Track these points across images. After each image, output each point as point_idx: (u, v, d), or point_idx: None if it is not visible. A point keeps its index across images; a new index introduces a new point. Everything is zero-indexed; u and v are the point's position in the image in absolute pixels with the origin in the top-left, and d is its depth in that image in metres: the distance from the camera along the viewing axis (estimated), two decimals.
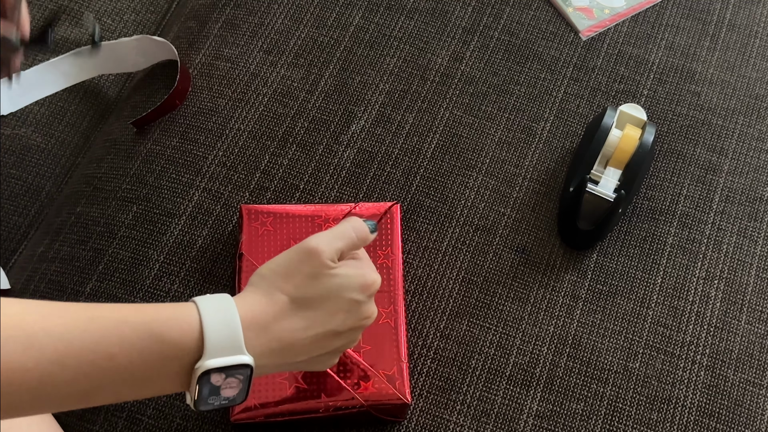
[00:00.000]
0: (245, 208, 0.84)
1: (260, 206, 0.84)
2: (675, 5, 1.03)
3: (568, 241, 0.88)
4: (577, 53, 0.99)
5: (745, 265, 0.89)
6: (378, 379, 0.77)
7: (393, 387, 0.77)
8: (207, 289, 0.85)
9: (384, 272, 0.82)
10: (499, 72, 0.98)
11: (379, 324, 0.79)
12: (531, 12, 1.02)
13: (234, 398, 0.61)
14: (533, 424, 0.81)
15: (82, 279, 0.87)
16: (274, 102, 0.95)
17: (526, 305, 0.86)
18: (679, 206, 0.91)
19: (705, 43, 1.01)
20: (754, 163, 0.94)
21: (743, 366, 0.84)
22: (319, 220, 0.83)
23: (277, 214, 0.83)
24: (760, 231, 0.90)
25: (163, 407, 0.81)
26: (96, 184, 0.93)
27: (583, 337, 0.84)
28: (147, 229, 0.88)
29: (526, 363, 0.83)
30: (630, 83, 0.98)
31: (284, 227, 0.83)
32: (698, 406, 0.82)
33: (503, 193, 0.91)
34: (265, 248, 0.82)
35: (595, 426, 0.81)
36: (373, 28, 1.00)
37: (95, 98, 1.04)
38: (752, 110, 0.97)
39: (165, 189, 0.91)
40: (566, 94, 0.97)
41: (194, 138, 0.93)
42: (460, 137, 0.94)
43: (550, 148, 0.94)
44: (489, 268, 0.88)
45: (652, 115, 0.96)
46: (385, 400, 0.77)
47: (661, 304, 0.86)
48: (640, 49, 1.00)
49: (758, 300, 0.87)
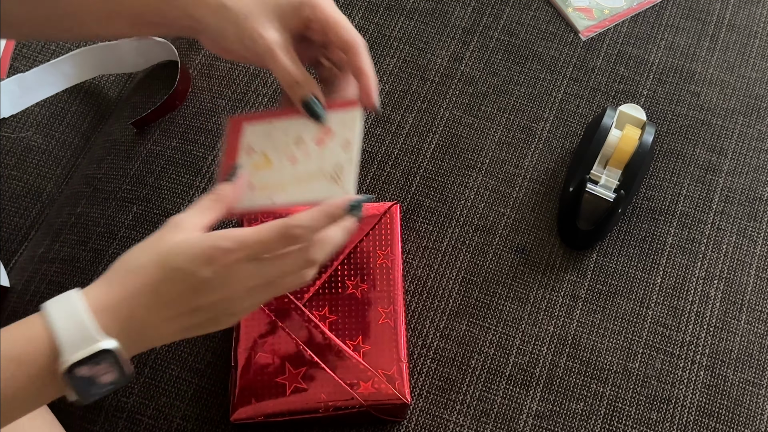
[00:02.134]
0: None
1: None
2: (675, 5, 1.03)
3: (568, 241, 0.88)
4: (576, 53, 0.99)
5: (745, 265, 0.89)
6: (378, 379, 0.77)
7: (393, 387, 0.77)
8: None
9: (384, 272, 0.82)
10: (498, 72, 0.98)
11: (379, 324, 0.80)
12: (531, 12, 1.02)
13: (116, 380, 0.60)
14: (533, 424, 0.81)
15: (82, 280, 0.87)
16: (274, 102, 0.95)
17: (525, 305, 0.86)
18: (678, 206, 0.91)
19: (705, 43, 1.01)
20: (754, 163, 0.94)
21: (743, 366, 0.84)
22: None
23: (277, 213, 0.82)
24: (760, 231, 0.90)
25: (163, 407, 0.81)
26: (96, 185, 0.93)
27: (583, 337, 0.85)
28: (147, 229, 0.88)
29: (525, 363, 0.83)
30: (630, 83, 0.98)
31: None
32: (698, 406, 0.82)
33: (503, 193, 0.91)
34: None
35: (595, 426, 0.81)
36: (372, 28, 1.00)
37: (95, 99, 1.04)
38: (752, 110, 0.97)
39: (165, 189, 0.91)
40: (566, 95, 0.97)
41: (194, 138, 0.93)
42: (460, 137, 0.94)
43: (549, 148, 0.94)
44: (489, 268, 0.88)
45: (652, 115, 0.96)
46: (385, 400, 0.77)
47: (660, 304, 0.86)
48: (640, 49, 1.00)
49: (758, 300, 0.87)
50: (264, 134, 0.72)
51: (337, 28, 0.69)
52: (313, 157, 0.70)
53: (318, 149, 0.70)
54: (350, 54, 0.69)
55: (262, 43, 0.67)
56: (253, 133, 0.73)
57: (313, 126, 0.71)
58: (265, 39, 0.67)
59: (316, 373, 0.77)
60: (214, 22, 0.68)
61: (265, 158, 0.72)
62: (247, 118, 0.74)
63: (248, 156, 0.72)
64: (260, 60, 0.68)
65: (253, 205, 0.70)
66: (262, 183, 0.70)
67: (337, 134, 0.70)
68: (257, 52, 0.68)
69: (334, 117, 0.71)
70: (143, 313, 0.60)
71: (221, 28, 0.68)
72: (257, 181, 0.71)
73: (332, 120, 0.71)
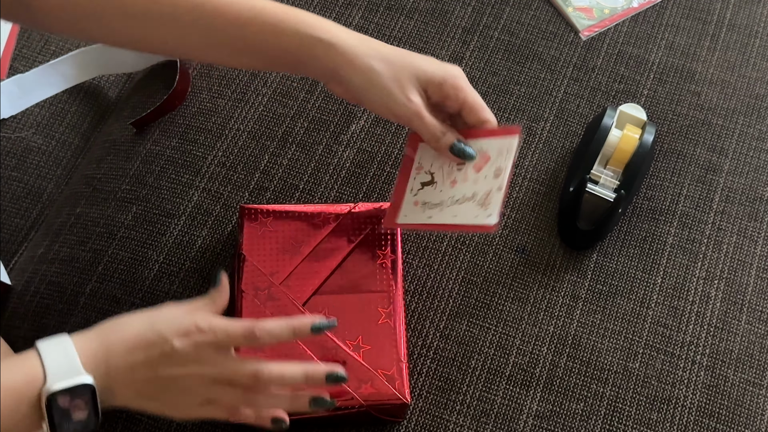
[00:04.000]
0: (245, 207, 0.84)
1: (260, 206, 0.84)
2: (675, 5, 1.03)
3: (568, 241, 0.88)
4: (577, 53, 0.99)
5: (745, 265, 0.88)
6: (377, 379, 0.77)
7: (392, 387, 0.77)
8: (206, 289, 0.85)
9: (384, 272, 0.82)
10: (499, 72, 0.98)
11: (379, 324, 0.79)
12: (531, 12, 1.02)
13: (86, 422, 0.64)
14: (533, 424, 0.81)
15: (81, 280, 0.87)
16: (273, 102, 0.95)
17: (525, 305, 0.86)
18: (679, 206, 0.91)
19: (705, 43, 1.01)
20: (754, 163, 0.94)
21: (743, 366, 0.84)
22: (318, 220, 0.83)
23: (276, 213, 0.83)
24: (760, 231, 0.90)
25: None
26: (95, 185, 0.93)
27: (583, 337, 0.84)
28: (146, 229, 0.88)
29: (525, 363, 0.83)
30: (630, 83, 0.98)
31: (284, 227, 0.83)
32: (698, 406, 0.82)
33: None
34: (266, 248, 0.82)
35: (595, 426, 0.81)
36: (373, 28, 1.00)
37: (95, 99, 1.04)
38: (752, 110, 0.97)
39: (164, 189, 0.91)
40: (566, 94, 0.97)
41: (194, 138, 0.93)
42: None
43: (550, 148, 0.94)
44: (489, 268, 0.87)
45: (652, 115, 0.96)
46: (385, 400, 0.77)
47: (661, 304, 0.86)
48: (640, 49, 1.00)
49: (758, 300, 0.87)
50: (432, 155, 0.77)
51: (476, 110, 0.75)
52: (470, 182, 0.75)
53: (475, 175, 0.75)
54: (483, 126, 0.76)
55: (410, 107, 0.72)
56: (423, 152, 0.78)
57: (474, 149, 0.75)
58: (413, 103, 0.72)
59: None
60: (360, 82, 0.72)
61: (431, 177, 0.77)
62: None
63: (417, 172, 0.78)
64: (401, 119, 0.74)
65: (414, 221, 0.76)
66: (424, 199, 0.77)
67: (493, 161, 0.74)
68: (402, 113, 0.73)
69: (493, 144, 0.75)
70: (117, 362, 0.65)
71: (366, 89, 0.73)
72: (421, 197, 0.77)
73: (490, 147, 0.75)
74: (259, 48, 0.73)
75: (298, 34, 0.72)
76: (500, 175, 0.73)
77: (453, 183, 0.76)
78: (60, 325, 0.84)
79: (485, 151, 0.75)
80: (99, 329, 0.67)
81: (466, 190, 0.75)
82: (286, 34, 0.72)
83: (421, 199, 0.77)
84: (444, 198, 0.76)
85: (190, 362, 0.66)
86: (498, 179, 0.73)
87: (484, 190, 0.73)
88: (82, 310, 0.85)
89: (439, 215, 0.75)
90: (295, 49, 0.72)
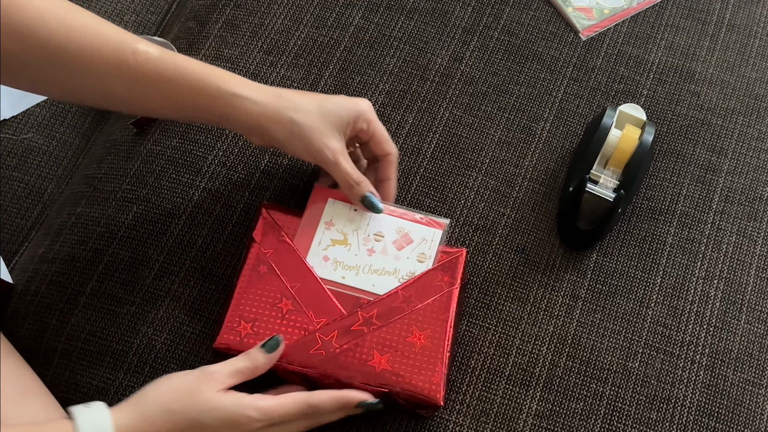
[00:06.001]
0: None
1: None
2: (675, 5, 1.03)
3: (568, 241, 0.88)
4: (576, 53, 0.99)
5: (745, 265, 0.89)
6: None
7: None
8: (206, 289, 0.85)
9: None
10: (498, 72, 0.98)
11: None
12: (531, 12, 1.02)
13: None
14: (533, 424, 0.81)
15: (82, 280, 0.87)
16: None
17: (525, 305, 0.86)
18: (678, 206, 0.91)
19: (705, 43, 1.01)
20: (754, 163, 0.94)
21: (743, 366, 0.84)
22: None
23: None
24: (760, 231, 0.90)
25: None
26: (96, 185, 0.93)
27: (583, 336, 0.84)
28: (147, 229, 0.89)
29: (525, 363, 0.83)
30: (630, 83, 0.98)
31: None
32: (698, 405, 0.82)
33: (503, 193, 0.91)
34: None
35: (595, 426, 0.81)
36: (372, 28, 1.00)
37: None
38: (752, 110, 0.97)
39: (165, 189, 0.91)
40: (566, 94, 0.97)
41: (194, 138, 0.94)
42: (460, 137, 0.94)
43: (549, 148, 0.94)
44: (489, 268, 0.88)
45: (652, 115, 0.96)
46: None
47: (660, 303, 0.86)
48: (640, 49, 1.00)
49: (758, 300, 0.87)
50: (346, 216, 0.83)
51: (382, 143, 0.83)
52: (390, 258, 0.81)
53: (396, 251, 0.81)
54: (385, 161, 0.84)
55: (328, 153, 0.78)
56: (335, 209, 0.83)
57: (394, 227, 0.82)
58: (330, 150, 0.78)
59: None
60: (282, 134, 0.78)
61: (345, 237, 0.82)
62: (333, 193, 0.84)
63: (327, 229, 0.82)
64: (321, 164, 0.80)
65: (325, 277, 0.80)
66: (336, 258, 0.81)
67: (416, 246, 0.81)
68: (322, 159, 0.79)
69: (418, 229, 0.82)
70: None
71: (288, 140, 0.78)
72: (332, 254, 0.81)
73: (415, 232, 0.82)
74: (182, 104, 0.77)
75: (219, 92, 0.76)
76: (424, 262, 0.80)
77: (370, 251, 0.81)
78: (61, 325, 0.84)
79: (407, 232, 0.82)
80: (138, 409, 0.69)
81: (386, 264, 0.80)
82: (207, 93, 0.76)
83: (333, 257, 0.81)
84: (360, 263, 0.80)
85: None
86: (422, 265, 0.80)
87: (407, 270, 0.80)
88: (83, 310, 0.85)
89: (356, 279, 0.80)
90: (219, 108, 0.77)
